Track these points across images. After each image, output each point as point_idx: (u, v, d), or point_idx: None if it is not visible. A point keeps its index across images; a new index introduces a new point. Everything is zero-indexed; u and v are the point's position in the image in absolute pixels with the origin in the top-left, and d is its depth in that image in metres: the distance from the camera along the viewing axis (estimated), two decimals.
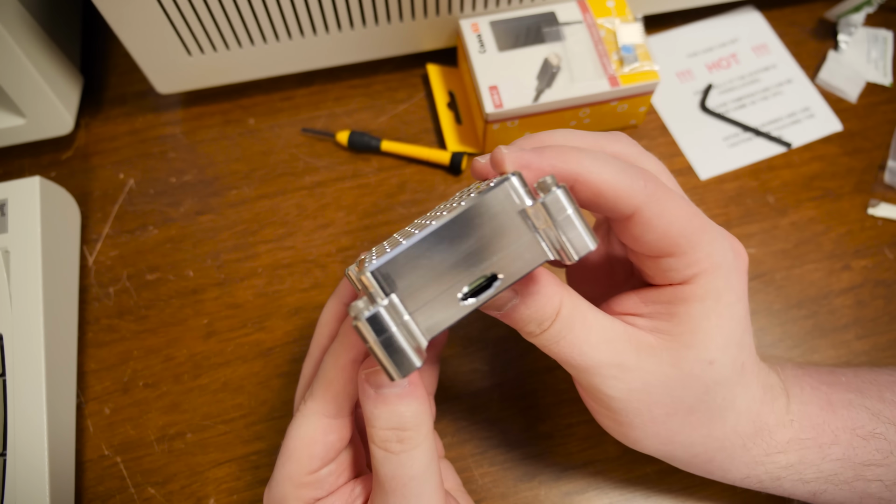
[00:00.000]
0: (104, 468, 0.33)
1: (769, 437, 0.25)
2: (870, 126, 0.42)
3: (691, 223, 0.21)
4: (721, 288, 0.22)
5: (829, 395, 0.26)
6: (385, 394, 0.21)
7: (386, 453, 0.21)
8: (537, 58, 0.38)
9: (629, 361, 0.22)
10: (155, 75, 0.40)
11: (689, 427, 0.23)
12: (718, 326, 0.22)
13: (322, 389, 0.23)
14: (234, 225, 0.40)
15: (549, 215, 0.18)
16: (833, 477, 0.25)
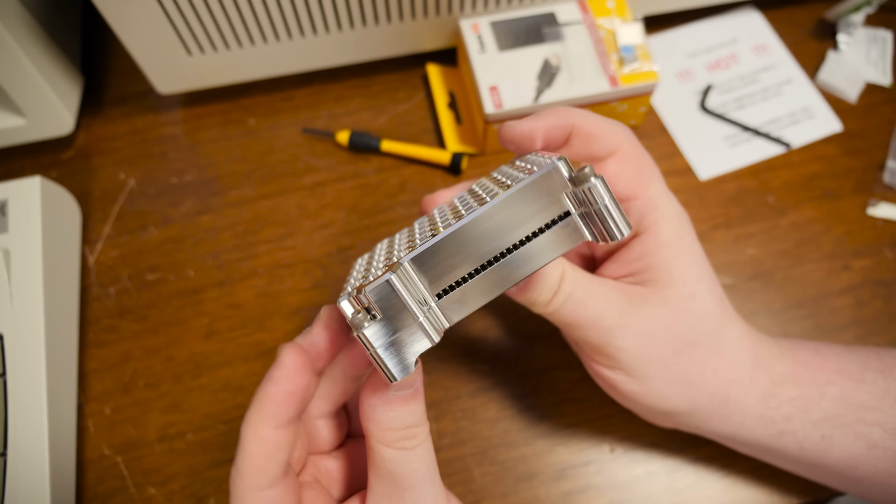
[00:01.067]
0: (105, 468, 0.33)
1: (770, 369, 0.26)
2: (869, 126, 0.42)
3: (652, 171, 0.26)
4: (680, 232, 0.25)
5: (817, 346, 0.28)
6: (402, 396, 0.22)
7: (403, 452, 0.22)
8: (537, 58, 0.38)
9: (627, 311, 0.25)
10: (155, 75, 0.40)
11: (699, 364, 0.25)
12: (688, 264, 0.25)
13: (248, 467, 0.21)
14: (234, 225, 0.40)
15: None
16: (836, 419, 0.26)
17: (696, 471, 0.32)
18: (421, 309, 0.20)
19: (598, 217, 0.19)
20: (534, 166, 0.21)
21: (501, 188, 0.20)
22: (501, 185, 0.21)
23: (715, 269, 0.37)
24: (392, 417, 0.21)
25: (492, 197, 0.20)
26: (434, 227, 0.21)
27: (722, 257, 0.38)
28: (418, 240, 0.21)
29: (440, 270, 0.20)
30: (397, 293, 0.19)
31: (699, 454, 0.32)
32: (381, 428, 0.21)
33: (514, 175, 0.21)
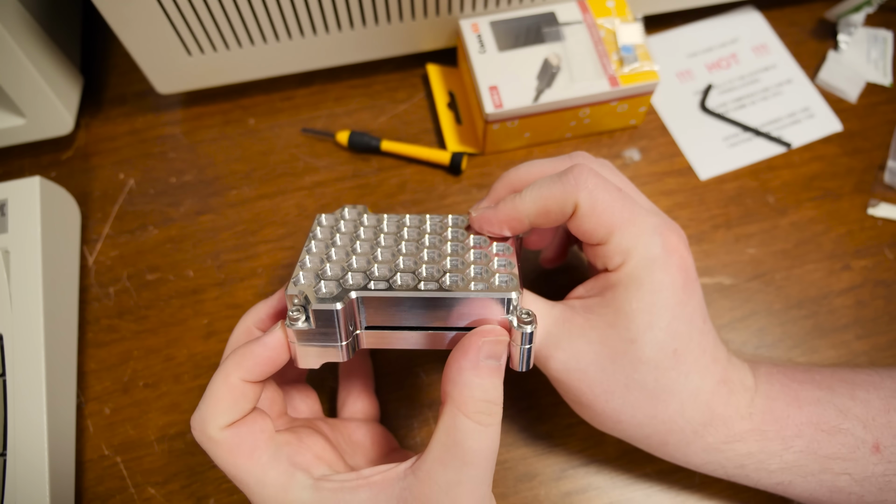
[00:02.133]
0: (104, 468, 0.33)
1: (725, 428, 0.26)
2: (870, 126, 0.42)
3: (622, 213, 0.25)
4: (642, 277, 0.24)
5: (798, 391, 0.27)
6: (490, 365, 0.22)
7: (477, 426, 0.22)
8: (537, 58, 0.38)
9: (563, 342, 0.25)
10: (155, 75, 0.40)
11: (631, 407, 0.25)
12: (640, 311, 0.24)
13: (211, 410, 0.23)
14: (234, 225, 0.40)
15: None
16: (798, 468, 0.26)
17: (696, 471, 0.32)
18: (348, 334, 0.24)
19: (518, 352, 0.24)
20: (496, 274, 0.24)
21: (458, 272, 0.24)
22: (461, 264, 0.25)
23: (715, 270, 0.37)
24: (477, 384, 0.22)
25: (449, 280, 0.24)
26: (395, 267, 0.25)
27: (722, 257, 0.38)
28: (377, 269, 0.25)
29: (378, 312, 0.24)
30: (336, 322, 0.23)
31: None
32: (464, 394, 0.22)
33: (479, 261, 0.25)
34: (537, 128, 0.40)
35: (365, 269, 0.25)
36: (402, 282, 0.24)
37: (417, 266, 0.25)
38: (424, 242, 0.26)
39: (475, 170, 0.41)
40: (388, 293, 0.23)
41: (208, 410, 0.23)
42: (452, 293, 0.23)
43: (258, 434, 0.23)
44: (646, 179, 0.41)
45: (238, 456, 0.23)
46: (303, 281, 0.24)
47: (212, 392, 0.23)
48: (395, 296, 0.23)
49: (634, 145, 0.42)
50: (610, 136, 0.42)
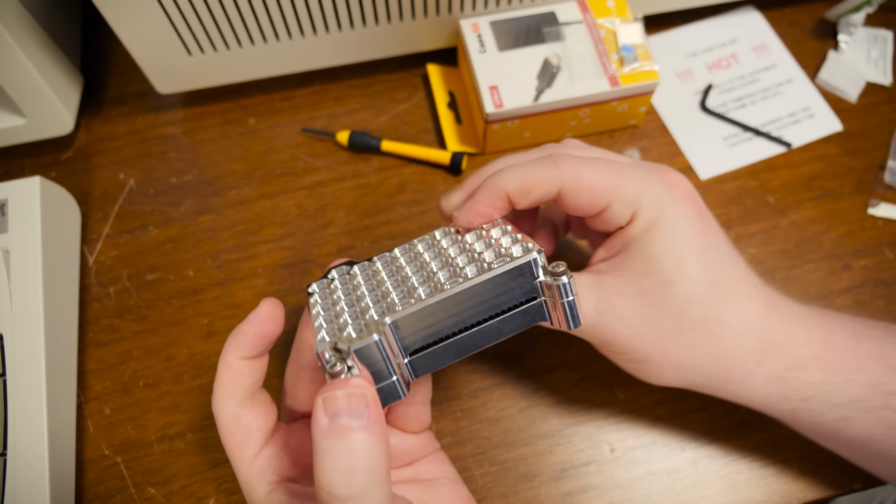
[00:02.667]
0: (104, 468, 0.33)
1: (785, 355, 0.25)
2: (870, 126, 0.42)
3: (608, 176, 0.25)
4: (657, 218, 0.25)
5: (855, 328, 0.26)
6: (342, 425, 0.19)
7: (331, 499, 0.19)
8: (537, 58, 0.38)
9: (602, 307, 0.25)
10: (155, 75, 0.40)
11: (687, 349, 0.25)
12: (666, 250, 0.24)
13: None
14: (234, 225, 0.40)
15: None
16: (860, 403, 0.25)
17: (696, 471, 0.32)
18: (396, 367, 0.22)
19: (562, 308, 0.23)
20: (511, 247, 0.24)
21: (475, 262, 0.23)
22: (475, 256, 0.24)
23: None
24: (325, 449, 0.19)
25: (471, 271, 0.23)
26: (411, 286, 0.24)
27: None
28: (396, 295, 0.23)
29: (415, 330, 0.22)
30: (382, 354, 0.21)
31: (699, 454, 0.32)
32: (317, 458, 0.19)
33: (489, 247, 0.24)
34: (537, 128, 0.40)
35: (382, 301, 0.24)
36: (425, 293, 0.23)
37: (433, 277, 0.24)
38: (426, 259, 0.26)
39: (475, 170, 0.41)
40: (419, 305, 0.22)
41: (215, 387, 0.25)
42: (481, 277, 0.22)
43: (253, 430, 0.25)
44: None
45: (231, 440, 0.24)
46: (327, 337, 0.23)
47: (217, 372, 0.25)
48: (427, 304, 0.22)
49: (634, 145, 0.42)
50: (610, 135, 0.42)
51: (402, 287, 0.24)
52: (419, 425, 0.29)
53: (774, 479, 0.32)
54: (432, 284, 0.23)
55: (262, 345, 0.25)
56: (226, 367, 0.25)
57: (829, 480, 0.32)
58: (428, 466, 0.29)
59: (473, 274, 0.23)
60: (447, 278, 0.23)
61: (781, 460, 0.32)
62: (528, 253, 0.23)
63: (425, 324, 0.22)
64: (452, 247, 0.26)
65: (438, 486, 0.28)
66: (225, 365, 0.25)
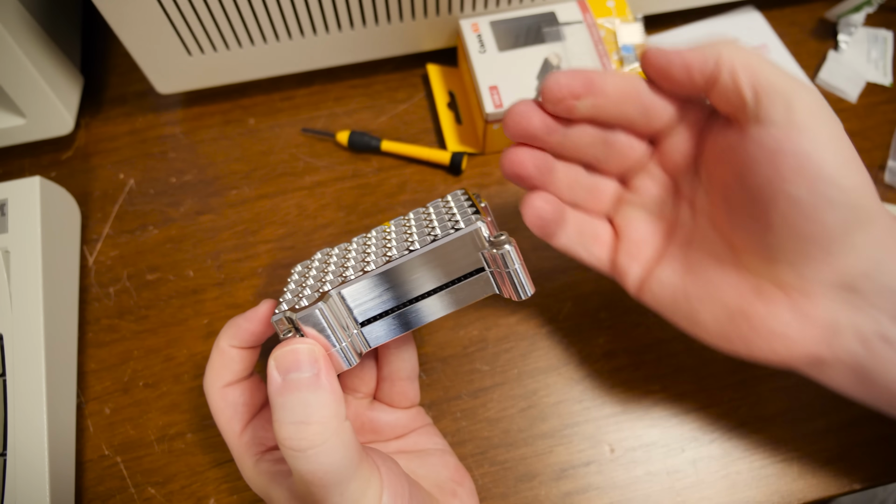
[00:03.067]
0: (104, 468, 0.33)
1: None
2: (870, 126, 0.42)
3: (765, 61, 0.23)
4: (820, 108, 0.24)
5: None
6: (293, 380, 0.20)
7: (291, 452, 0.20)
8: (537, 58, 0.38)
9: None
10: (155, 75, 0.40)
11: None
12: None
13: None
14: (234, 225, 0.40)
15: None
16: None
17: (696, 471, 0.32)
18: (344, 335, 0.23)
19: (508, 278, 0.23)
20: (458, 220, 0.24)
21: (427, 235, 0.24)
22: (428, 229, 0.25)
23: None
24: (280, 404, 0.20)
25: (419, 243, 0.23)
26: (365, 260, 0.25)
27: None
28: (351, 268, 0.24)
29: (364, 300, 0.24)
30: (326, 321, 0.22)
31: (699, 455, 0.32)
32: (275, 415, 0.20)
33: (441, 221, 0.25)
34: None
35: (340, 273, 0.25)
36: (375, 265, 0.24)
37: (387, 251, 0.25)
38: (392, 235, 0.27)
39: (475, 170, 0.41)
40: (366, 276, 0.23)
41: (207, 371, 0.27)
42: (424, 248, 0.23)
43: (240, 406, 0.26)
44: None
45: (219, 416, 0.26)
46: (285, 307, 0.24)
47: (210, 356, 0.27)
48: (373, 275, 0.23)
49: None
50: None
51: (359, 260, 0.25)
52: (406, 401, 0.30)
53: (774, 479, 0.32)
54: (382, 257, 0.24)
55: (253, 340, 0.27)
56: (218, 352, 0.26)
57: (829, 480, 0.32)
58: (417, 439, 0.30)
59: (417, 246, 0.23)
60: (397, 251, 0.24)
61: (781, 460, 0.32)
62: (471, 224, 0.23)
63: (373, 294, 0.23)
64: (416, 224, 0.27)
65: (427, 455, 0.29)
66: (217, 349, 0.27)
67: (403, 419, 0.30)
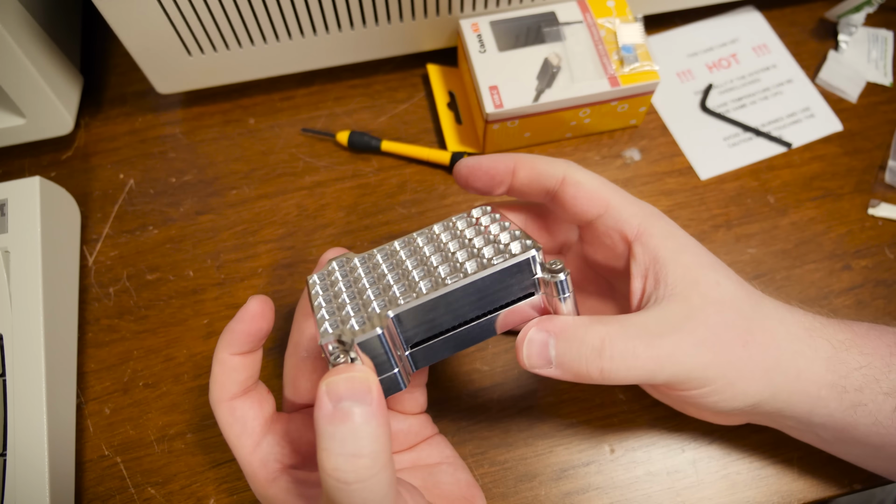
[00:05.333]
0: (104, 468, 0.33)
1: (828, 336, 0.26)
2: (870, 126, 0.42)
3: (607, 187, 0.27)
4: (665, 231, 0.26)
5: (866, 324, 0.27)
6: (346, 410, 0.19)
7: (337, 484, 0.19)
8: (537, 58, 0.38)
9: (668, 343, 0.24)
10: (155, 75, 0.40)
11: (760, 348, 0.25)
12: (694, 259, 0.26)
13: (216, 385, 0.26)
14: (234, 225, 0.40)
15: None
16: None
17: (696, 472, 0.32)
18: (398, 358, 0.23)
19: (560, 303, 0.24)
20: (510, 243, 0.24)
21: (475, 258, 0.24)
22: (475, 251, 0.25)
23: None
24: (330, 434, 0.19)
25: (473, 266, 0.23)
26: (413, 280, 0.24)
27: (722, 257, 0.38)
28: (397, 289, 0.24)
29: (416, 324, 0.23)
30: (384, 347, 0.22)
31: (699, 455, 0.32)
32: (322, 443, 0.19)
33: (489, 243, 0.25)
34: (537, 128, 0.39)
35: (384, 294, 0.24)
36: (427, 287, 0.23)
37: (433, 271, 0.24)
38: (426, 253, 0.26)
39: None
40: (421, 299, 0.22)
41: (210, 386, 0.26)
42: (481, 273, 0.23)
43: (250, 420, 0.25)
44: (646, 179, 0.41)
45: (229, 432, 0.25)
46: (330, 329, 0.23)
47: (212, 369, 0.26)
48: (429, 299, 0.22)
49: (634, 145, 0.42)
50: (610, 136, 0.42)
51: (404, 281, 0.24)
52: (417, 407, 0.30)
53: (774, 479, 0.32)
54: (433, 279, 0.23)
55: (252, 341, 0.26)
56: (219, 364, 0.25)
57: (829, 480, 0.32)
58: (429, 451, 0.29)
59: (473, 270, 0.23)
60: (447, 273, 0.23)
61: (781, 460, 0.32)
62: (527, 250, 0.23)
63: (426, 317, 0.23)
64: (452, 242, 0.26)
65: (440, 472, 0.28)
66: (218, 362, 0.26)
67: (415, 426, 0.29)
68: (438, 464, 0.29)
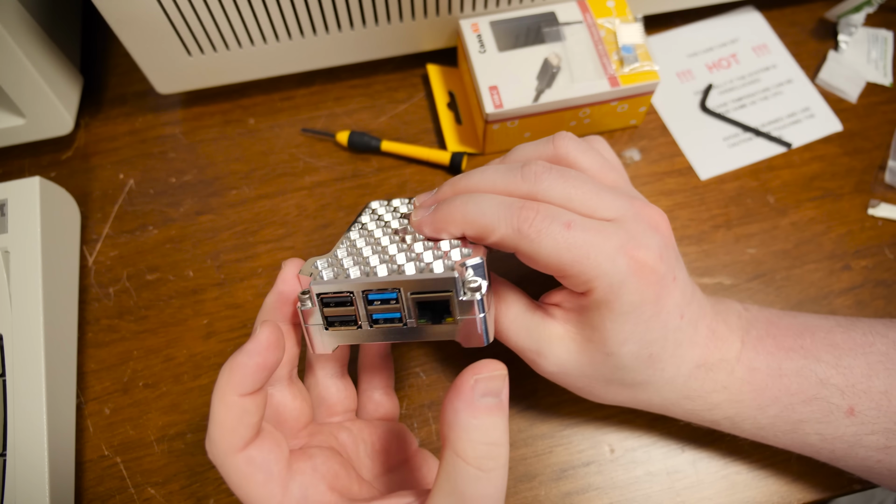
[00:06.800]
0: (104, 468, 0.33)
1: (701, 400, 0.28)
2: (870, 126, 0.42)
3: (570, 254, 0.24)
4: (611, 301, 0.25)
5: (782, 361, 0.28)
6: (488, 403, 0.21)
7: (478, 472, 0.20)
8: (537, 58, 0.38)
9: (544, 349, 0.27)
10: (155, 75, 0.40)
11: (613, 392, 0.28)
12: (613, 330, 0.25)
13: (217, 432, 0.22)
14: (234, 225, 0.40)
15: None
16: (771, 428, 0.28)
17: (696, 472, 0.32)
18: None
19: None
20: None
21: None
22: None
23: (715, 270, 0.37)
24: (475, 426, 0.20)
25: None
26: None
27: (722, 257, 0.38)
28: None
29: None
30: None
31: (699, 455, 0.32)
32: (461, 438, 0.20)
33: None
34: (537, 128, 0.39)
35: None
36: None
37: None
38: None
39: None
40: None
41: (215, 434, 0.22)
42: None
43: (272, 465, 0.22)
44: (646, 179, 0.41)
45: (250, 484, 0.22)
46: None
47: (213, 415, 0.22)
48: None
49: (634, 145, 0.42)
50: (610, 136, 0.42)
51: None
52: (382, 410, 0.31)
53: (774, 479, 0.32)
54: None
55: (265, 377, 0.22)
56: (225, 408, 0.21)
57: (828, 481, 0.32)
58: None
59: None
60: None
61: (781, 460, 0.32)
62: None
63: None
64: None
65: None
66: (224, 405, 0.22)
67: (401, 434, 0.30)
68: None
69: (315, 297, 0.25)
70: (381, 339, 0.25)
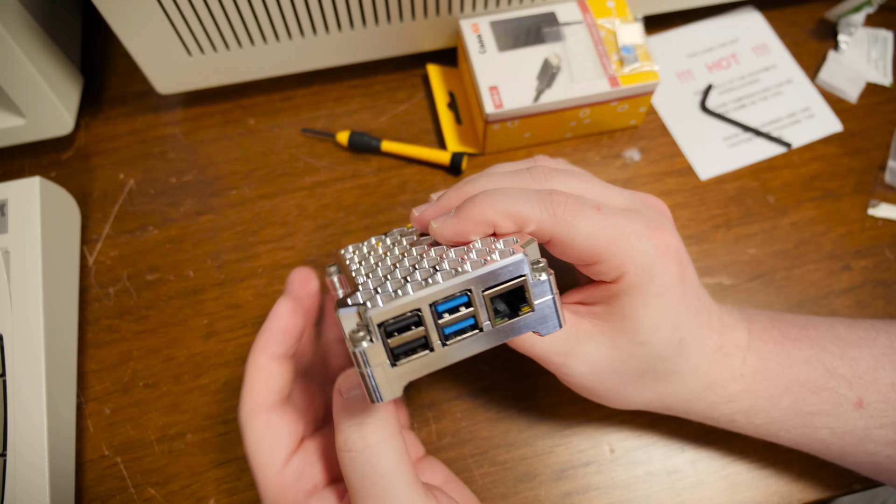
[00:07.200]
0: (104, 468, 0.33)
1: (720, 390, 0.28)
2: (870, 126, 0.42)
3: (605, 235, 0.24)
4: (644, 283, 0.25)
5: (790, 350, 0.28)
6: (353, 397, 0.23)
7: (349, 454, 0.22)
8: (537, 58, 0.38)
9: (573, 348, 0.26)
10: (155, 75, 0.40)
11: (641, 391, 0.27)
12: (646, 316, 0.25)
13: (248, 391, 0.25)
14: (234, 225, 0.40)
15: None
16: (783, 422, 0.28)
17: (695, 472, 0.32)
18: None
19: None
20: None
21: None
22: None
23: (715, 270, 0.37)
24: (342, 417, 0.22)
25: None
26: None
27: (722, 258, 0.38)
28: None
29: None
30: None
31: (699, 455, 0.32)
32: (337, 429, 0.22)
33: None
34: (537, 128, 0.40)
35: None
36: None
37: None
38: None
39: (475, 170, 0.41)
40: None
41: (245, 395, 0.24)
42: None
43: (285, 437, 0.24)
44: (646, 179, 0.41)
45: (259, 447, 0.24)
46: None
47: (245, 377, 0.25)
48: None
49: (634, 145, 0.42)
50: (610, 136, 0.42)
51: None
52: None
53: (774, 479, 0.32)
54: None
55: (290, 339, 0.25)
56: (255, 370, 0.25)
57: (829, 481, 0.32)
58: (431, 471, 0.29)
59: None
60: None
61: (781, 460, 0.32)
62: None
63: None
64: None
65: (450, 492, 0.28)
66: (254, 367, 0.25)
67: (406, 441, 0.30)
68: (445, 482, 0.29)
69: (376, 329, 0.20)
70: (456, 357, 0.22)
